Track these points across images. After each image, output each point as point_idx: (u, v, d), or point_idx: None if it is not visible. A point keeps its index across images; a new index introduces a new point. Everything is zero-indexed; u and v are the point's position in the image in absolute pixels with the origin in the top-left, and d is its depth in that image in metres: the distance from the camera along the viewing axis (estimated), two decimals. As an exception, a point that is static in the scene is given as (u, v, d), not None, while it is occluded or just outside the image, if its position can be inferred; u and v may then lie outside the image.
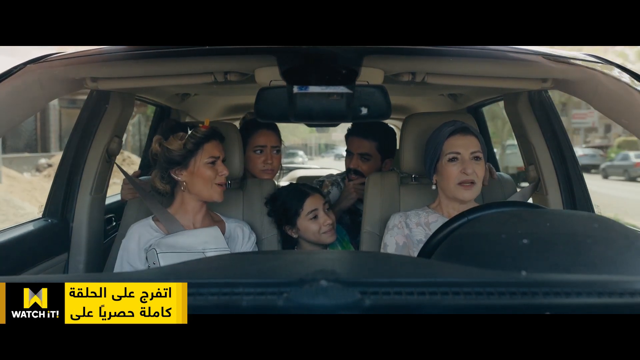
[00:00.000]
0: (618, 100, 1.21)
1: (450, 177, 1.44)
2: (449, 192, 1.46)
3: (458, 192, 1.43)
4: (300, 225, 1.67)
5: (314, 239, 1.67)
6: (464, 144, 1.43)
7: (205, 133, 1.46)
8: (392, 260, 0.93)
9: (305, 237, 1.68)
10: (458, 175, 1.42)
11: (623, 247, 0.76)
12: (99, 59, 1.32)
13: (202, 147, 1.46)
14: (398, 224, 1.53)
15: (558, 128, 1.76)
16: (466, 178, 1.41)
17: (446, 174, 1.44)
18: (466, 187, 1.42)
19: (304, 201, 1.67)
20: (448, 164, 1.44)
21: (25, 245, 1.51)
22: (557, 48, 1.28)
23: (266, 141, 1.89)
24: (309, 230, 1.67)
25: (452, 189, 1.44)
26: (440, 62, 1.37)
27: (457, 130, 1.45)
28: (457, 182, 1.43)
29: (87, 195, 1.73)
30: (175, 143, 1.45)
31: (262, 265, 0.73)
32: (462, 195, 1.43)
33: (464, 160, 1.42)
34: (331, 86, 1.17)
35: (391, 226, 1.54)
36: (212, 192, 1.48)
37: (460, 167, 1.42)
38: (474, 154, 1.43)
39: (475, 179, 1.42)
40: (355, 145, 2.02)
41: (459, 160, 1.43)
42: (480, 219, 0.92)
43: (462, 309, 0.51)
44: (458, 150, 1.43)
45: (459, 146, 1.43)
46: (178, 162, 1.46)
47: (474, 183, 1.42)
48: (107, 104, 1.73)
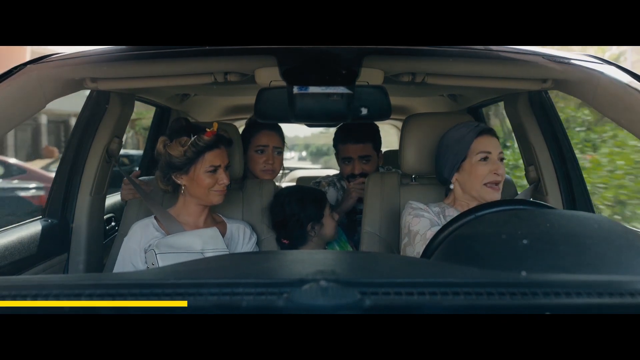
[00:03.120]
0: (618, 100, 1.21)
1: (479, 176, 1.42)
2: (475, 192, 1.44)
3: (486, 193, 1.41)
4: (325, 221, 1.72)
5: (330, 237, 1.75)
6: (493, 145, 1.43)
7: (207, 142, 1.44)
8: (392, 260, 0.93)
9: (326, 235, 1.73)
10: (488, 174, 1.41)
11: (623, 247, 0.76)
12: (99, 59, 1.31)
13: (203, 156, 1.44)
14: (422, 207, 1.49)
15: (558, 128, 1.76)
16: (495, 179, 1.40)
17: (475, 173, 1.42)
18: (494, 189, 1.41)
19: (324, 207, 1.73)
20: (479, 163, 1.42)
21: (25, 245, 1.51)
22: (557, 48, 1.28)
23: (268, 141, 1.89)
24: (332, 227, 1.74)
25: (479, 189, 1.42)
26: (440, 63, 1.37)
27: (485, 131, 1.44)
28: (485, 181, 1.41)
29: (87, 195, 1.73)
30: (176, 149, 1.44)
31: (262, 265, 0.73)
32: (489, 197, 1.40)
33: (494, 160, 1.41)
34: (331, 86, 1.17)
35: (415, 207, 1.48)
36: (210, 197, 1.48)
37: (491, 166, 1.41)
38: (500, 155, 1.43)
39: (501, 180, 1.42)
40: (352, 151, 2.02)
41: (489, 159, 1.42)
42: (480, 219, 0.92)
43: (462, 309, 0.51)
44: (489, 150, 1.42)
45: (490, 146, 1.42)
46: (178, 168, 1.46)
47: (499, 184, 1.42)
48: (107, 104, 1.73)
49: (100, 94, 1.72)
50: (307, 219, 1.68)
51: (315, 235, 1.70)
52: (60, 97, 1.29)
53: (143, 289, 0.53)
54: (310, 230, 1.69)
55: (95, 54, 1.29)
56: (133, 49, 1.22)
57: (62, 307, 0.51)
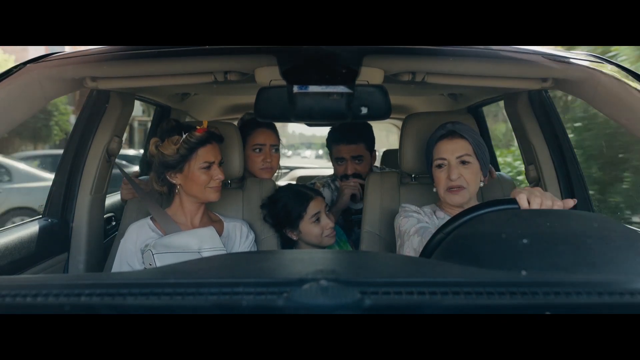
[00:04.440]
0: (618, 100, 1.21)
1: (439, 183, 1.44)
2: (441, 196, 1.46)
3: (447, 197, 1.43)
4: (303, 228, 1.66)
5: (316, 241, 1.67)
6: (450, 149, 1.42)
7: (199, 138, 1.45)
8: (392, 260, 0.93)
9: (307, 239, 1.68)
10: (445, 180, 1.42)
11: (623, 247, 0.76)
12: (99, 59, 1.31)
13: (196, 152, 1.45)
14: (415, 210, 1.50)
15: (558, 128, 1.76)
16: (452, 183, 1.40)
17: (436, 180, 1.45)
18: (454, 192, 1.41)
19: (307, 204, 1.66)
20: (436, 170, 1.44)
21: (26, 245, 1.51)
22: (557, 48, 1.28)
23: (265, 140, 1.90)
24: (311, 233, 1.66)
25: (442, 194, 1.44)
26: (440, 62, 1.37)
27: (444, 135, 1.44)
28: (445, 188, 1.42)
29: (87, 195, 1.73)
30: (169, 147, 1.45)
31: (262, 265, 0.73)
32: (450, 200, 1.42)
33: (450, 165, 1.41)
34: (331, 86, 1.17)
35: (408, 209, 1.50)
36: (207, 194, 1.49)
37: (446, 172, 1.41)
38: (460, 158, 1.41)
39: (464, 184, 1.40)
40: (345, 151, 2.02)
41: (445, 166, 1.42)
42: (480, 219, 0.92)
43: (462, 309, 0.51)
44: (444, 156, 1.42)
45: (445, 151, 1.42)
46: (172, 166, 1.46)
47: (463, 187, 1.40)
48: (107, 104, 1.73)
49: (100, 93, 1.72)
50: (291, 207, 1.66)
51: (297, 238, 1.69)
52: (60, 96, 1.29)
53: (143, 288, 0.53)
54: (289, 233, 1.68)
55: (95, 53, 1.29)
56: (133, 48, 1.22)
57: (62, 307, 0.51)
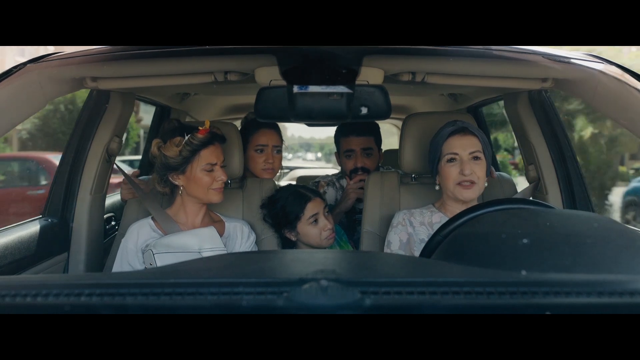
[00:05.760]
0: (618, 100, 1.21)
1: (449, 177, 1.45)
2: (450, 192, 1.48)
3: (458, 192, 1.45)
4: (301, 229, 1.66)
5: (314, 243, 1.66)
6: (462, 145, 1.44)
7: (202, 140, 1.45)
8: (392, 260, 0.93)
9: (305, 240, 1.68)
10: (457, 176, 1.44)
11: (623, 247, 0.76)
12: (99, 59, 1.31)
13: (199, 154, 1.45)
14: (402, 221, 1.53)
15: (558, 128, 1.76)
16: (464, 178, 1.43)
17: (445, 174, 1.46)
18: (465, 187, 1.43)
19: (305, 205, 1.65)
20: (447, 165, 1.46)
21: (25, 245, 1.51)
22: (557, 48, 1.28)
23: (267, 140, 1.89)
24: (309, 235, 1.66)
25: (452, 189, 1.46)
26: (440, 62, 1.37)
27: (456, 131, 1.46)
28: (456, 182, 1.44)
29: (87, 195, 1.73)
30: (171, 149, 1.44)
31: (262, 265, 0.73)
32: (461, 195, 1.44)
33: (462, 160, 1.43)
34: (331, 86, 1.17)
35: (395, 223, 1.55)
36: (209, 196, 1.48)
37: (459, 167, 1.43)
38: (472, 154, 1.44)
39: (475, 179, 1.43)
40: (355, 143, 2.03)
41: (457, 161, 1.44)
42: (479, 219, 0.92)
43: (462, 309, 0.51)
44: (456, 151, 1.44)
45: (457, 147, 1.44)
46: (175, 168, 1.46)
47: (474, 183, 1.43)
48: (107, 104, 1.73)
49: (100, 93, 1.72)
50: (288, 208, 1.66)
51: (296, 239, 1.68)
52: (60, 96, 1.29)
53: (143, 288, 0.53)
54: (288, 233, 1.68)
55: (95, 53, 1.29)
56: (133, 48, 1.22)
57: (62, 307, 0.51)
